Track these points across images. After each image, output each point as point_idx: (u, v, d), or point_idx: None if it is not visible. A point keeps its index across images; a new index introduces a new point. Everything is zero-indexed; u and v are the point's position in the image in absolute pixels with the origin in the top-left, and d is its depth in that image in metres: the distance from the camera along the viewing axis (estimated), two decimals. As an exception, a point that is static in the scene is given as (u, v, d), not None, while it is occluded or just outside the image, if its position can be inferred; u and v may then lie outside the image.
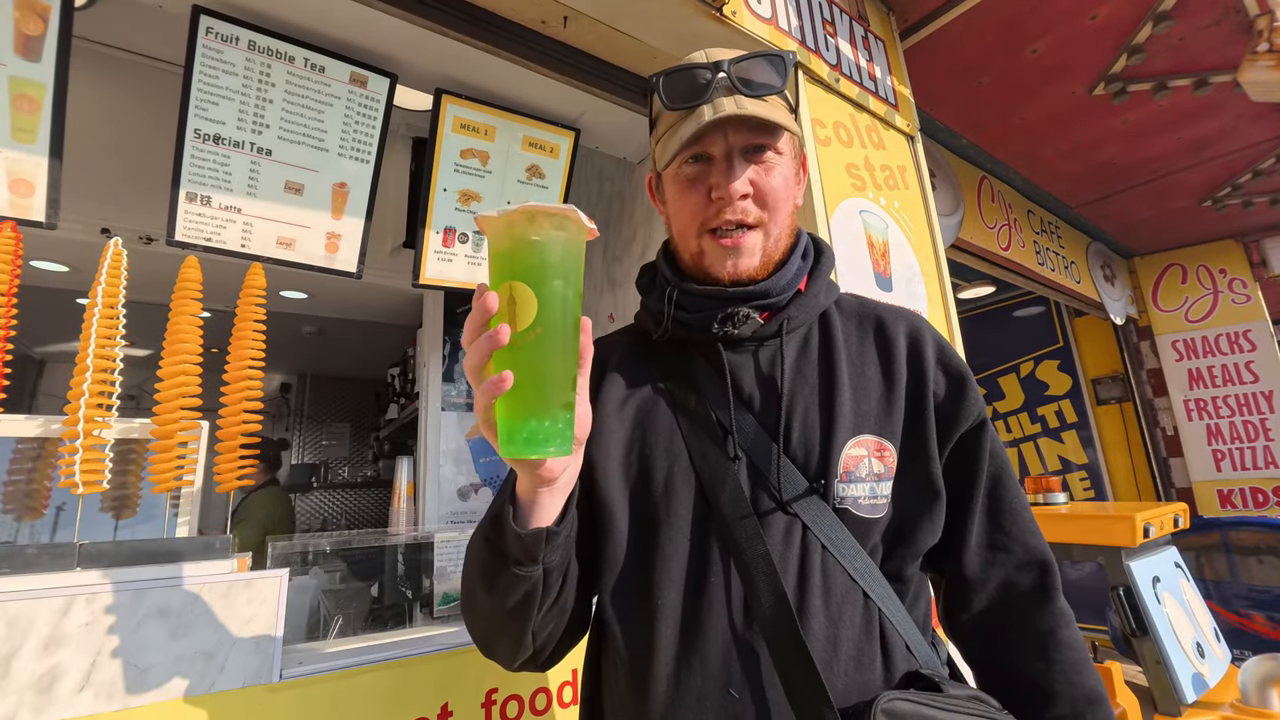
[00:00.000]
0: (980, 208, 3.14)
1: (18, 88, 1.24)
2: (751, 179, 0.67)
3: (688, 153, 0.68)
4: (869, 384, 0.70)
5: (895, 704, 0.56)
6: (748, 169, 0.67)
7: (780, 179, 0.69)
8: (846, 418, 0.67)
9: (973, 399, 0.72)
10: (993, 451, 0.73)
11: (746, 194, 0.67)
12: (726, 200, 0.66)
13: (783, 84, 0.68)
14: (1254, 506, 4.00)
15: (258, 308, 1.39)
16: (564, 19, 1.49)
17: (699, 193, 0.69)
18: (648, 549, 0.66)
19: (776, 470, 0.65)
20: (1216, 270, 4.32)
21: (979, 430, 0.73)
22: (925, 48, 2.26)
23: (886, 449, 0.67)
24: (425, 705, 1.10)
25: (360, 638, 1.27)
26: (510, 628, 0.62)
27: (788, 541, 0.63)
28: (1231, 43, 2.27)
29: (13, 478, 1.19)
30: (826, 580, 0.62)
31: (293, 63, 1.55)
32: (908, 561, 0.68)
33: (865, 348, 0.73)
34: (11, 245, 1.15)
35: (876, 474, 0.66)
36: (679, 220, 0.72)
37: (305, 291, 3.26)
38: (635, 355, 0.78)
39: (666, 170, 0.72)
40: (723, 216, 0.67)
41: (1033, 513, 0.74)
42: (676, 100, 0.68)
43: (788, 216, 0.71)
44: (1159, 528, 1.85)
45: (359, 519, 5.62)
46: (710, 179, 0.68)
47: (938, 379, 0.72)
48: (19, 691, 0.85)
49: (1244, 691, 1.60)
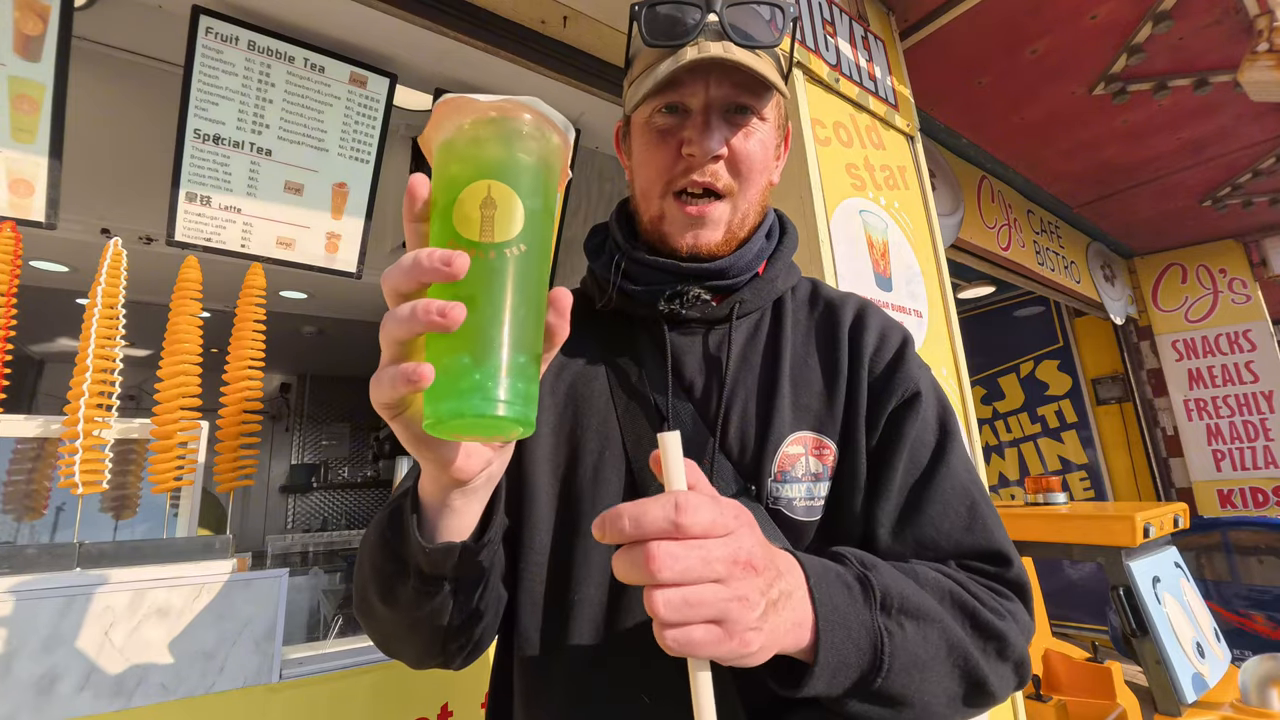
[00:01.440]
0: (980, 208, 3.14)
1: (18, 88, 1.24)
2: (729, 140, 0.61)
3: (662, 99, 0.61)
4: (811, 376, 0.65)
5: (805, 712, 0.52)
6: (725, 129, 0.61)
7: (759, 146, 0.63)
8: (785, 413, 0.62)
9: (906, 373, 0.64)
10: (920, 432, 0.61)
11: (721, 155, 0.61)
12: (698, 159, 0.60)
13: (779, 37, 0.61)
14: (1254, 506, 4.00)
15: (258, 308, 1.39)
16: (564, 19, 1.49)
17: (669, 147, 0.62)
18: (569, 538, 0.61)
19: (710, 466, 0.60)
20: (1216, 270, 4.32)
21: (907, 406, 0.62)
22: (925, 48, 2.26)
23: (826, 447, 0.62)
24: (425, 705, 1.11)
25: (360, 638, 1.27)
26: (414, 638, 0.54)
27: None
28: (1231, 43, 2.27)
29: (13, 478, 1.19)
30: None
31: (292, 63, 1.55)
32: None
33: (810, 338, 0.68)
34: (11, 245, 1.15)
35: (814, 474, 0.61)
36: (643, 175, 0.65)
37: (305, 291, 3.26)
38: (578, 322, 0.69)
39: (636, 115, 0.65)
40: (690, 177, 0.61)
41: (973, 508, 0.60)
42: (658, 36, 0.61)
43: (760, 191, 0.65)
44: (1159, 528, 1.85)
45: (359, 519, 5.62)
46: (684, 132, 0.61)
47: (875, 358, 0.65)
48: (19, 691, 0.85)
49: (1244, 691, 1.60)
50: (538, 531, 0.62)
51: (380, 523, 0.52)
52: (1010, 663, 0.54)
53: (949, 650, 0.50)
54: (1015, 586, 0.58)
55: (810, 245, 1.55)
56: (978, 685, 0.52)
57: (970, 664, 0.51)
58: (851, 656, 0.46)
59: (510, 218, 0.38)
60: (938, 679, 0.50)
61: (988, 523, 0.60)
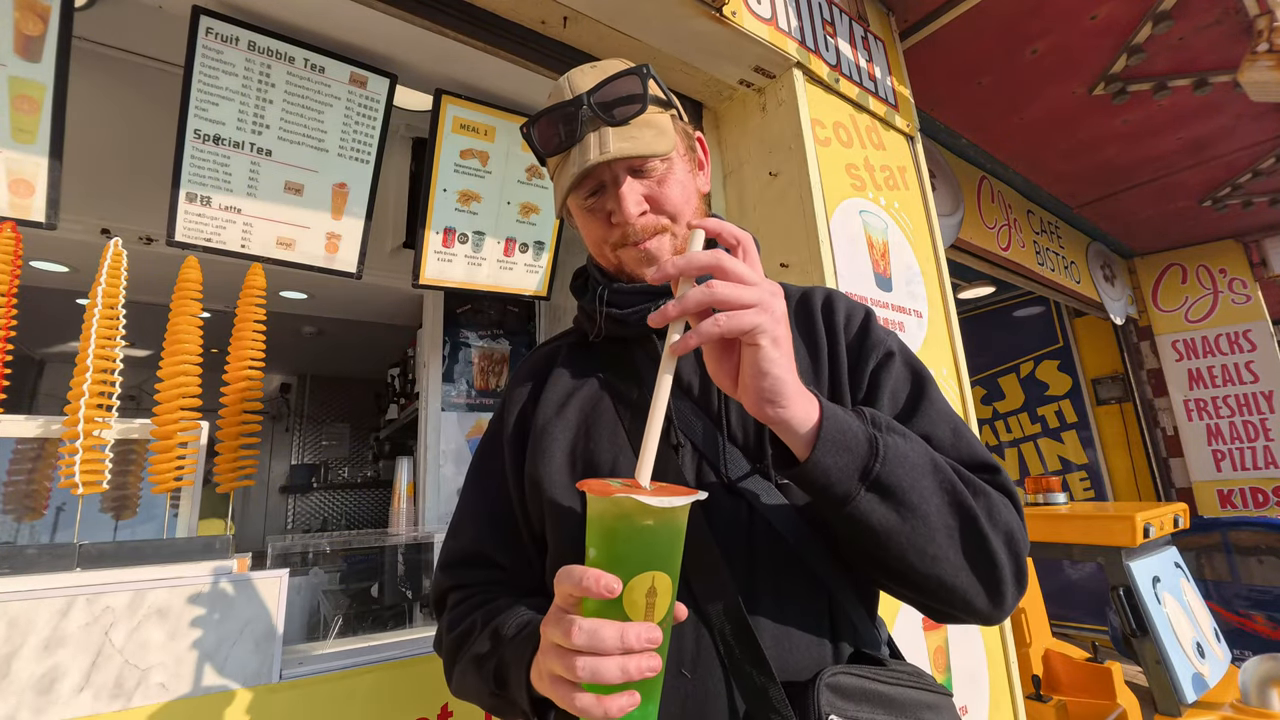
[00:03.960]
0: (980, 208, 3.14)
1: (18, 88, 1.24)
2: (645, 194, 0.69)
3: (583, 190, 0.71)
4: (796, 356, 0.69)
5: (839, 678, 0.56)
6: (639, 185, 0.69)
7: (675, 185, 0.71)
8: None
9: (877, 337, 0.72)
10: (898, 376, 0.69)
11: (644, 210, 0.69)
12: (626, 224, 0.68)
13: (644, 99, 0.68)
14: (1254, 506, 4.00)
15: (258, 308, 1.39)
16: (564, 19, 1.49)
17: (600, 220, 0.71)
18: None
19: (722, 454, 0.66)
20: (1216, 270, 4.32)
21: (885, 363, 0.70)
22: (925, 48, 2.26)
23: None
24: (425, 705, 1.11)
25: (360, 638, 1.27)
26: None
27: (735, 525, 0.64)
28: (1231, 43, 2.27)
29: (13, 478, 1.19)
30: (775, 563, 0.63)
31: (292, 63, 1.55)
32: None
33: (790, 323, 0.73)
34: (11, 245, 1.15)
35: None
36: (591, 244, 0.75)
37: (305, 291, 3.26)
38: (575, 355, 0.80)
39: (570, 203, 0.74)
40: (628, 240, 0.70)
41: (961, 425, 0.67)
42: (549, 149, 0.71)
43: (693, 212, 0.73)
44: (1159, 528, 1.85)
45: (359, 519, 5.62)
46: (607, 205, 0.70)
47: (848, 330, 0.73)
48: (19, 692, 0.85)
49: (1244, 691, 1.60)
50: (566, 546, 0.67)
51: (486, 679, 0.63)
52: (1000, 531, 0.57)
53: (934, 468, 0.57)
54: (1004, 490, 0.62)
55: (810, 245, 1.55)
56: (972, 523, 0.56)
57: (958, 494, 0.56)
58: (849, 439, 0.54)
59: (669, 600, 0.47)
60: (931, 491, 0.56)
61: (972, 441, 0.67)
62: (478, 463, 0.82)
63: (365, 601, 2.15)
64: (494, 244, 1.95)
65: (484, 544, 0.76)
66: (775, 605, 0.61)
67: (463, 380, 2.80)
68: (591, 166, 0.66)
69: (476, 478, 0.81)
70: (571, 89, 0.70)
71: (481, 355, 2.87)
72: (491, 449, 0.80)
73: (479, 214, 1.91)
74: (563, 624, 0.46)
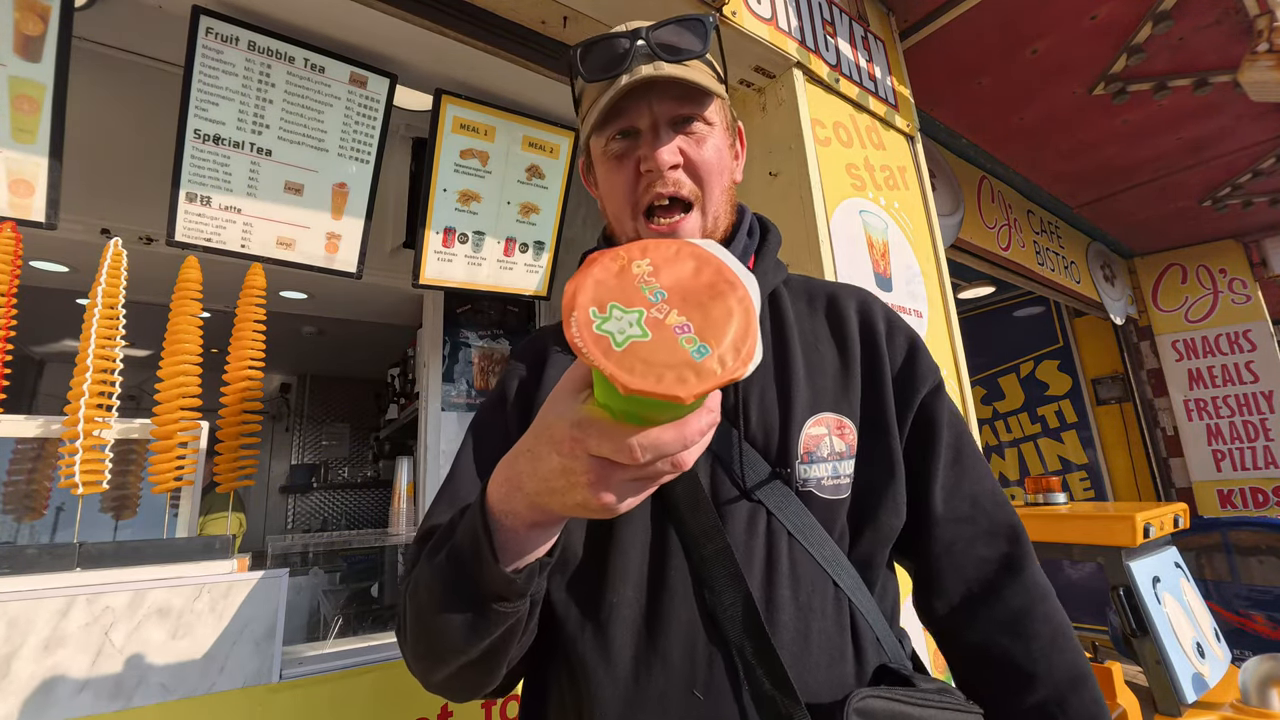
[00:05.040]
0: (980, 208, 3.14)
1: (18, 88, 1.24)
2: (682, 149, 0.64)
3: (612, 128, 0.65)
4: (823, 361, 0.68)
5: (868, 702, 0.53)
6: (676, 139, 0.64)
7: (712, 150, 0.66)
8: (803, 396, 0.64)
9: (927, 364, 0.70)
10: (951, 418, 0.69)
11: (677, 164, 0.64)
12: (656, 172, 0.63)
13: (704, 47, 0.65)
14: (1254, 506, 4.00)
15: (258, 308, 1.39)
16: (564, 19, 1.49)
17: (628, 168, 0.65)
18: (602, 542, 0.62)
19: (739, 456, 0.62)
20: (1216, 270, 4.32)
21: (935, 395, 0.69)
22: (925, 48, 2.26)
23: (846, 426, 0.65)
24: (425, 705, 1.11)
25: (360, 638, 1.27)
26: (479, 667, 0.53)
27: (752, 530, 0.60)
28: (1231, 43, 2.27)
29: (13, 478, 1.19)
30: (794, 569, 0.60)
31: (292, 63, 1.55)
32: (876, 548, 0.65)
33: (817, 325, 0.71)
34: (11, 245, 1.15)
35: (838, 453, 0.63)
36: (612, 201, 0.69)
37: (305, 291, 3.26)
38: None
39: (593, 147, 0.69)
40: (654, 190, 0.64)
41: (997, 482, 0.71)
42: (595, 72, 0.65)
43: (725, 192, 0.68)
44: (1159, 528, 1.85)
45: (359, 519, 5.62)
46: (638, 152, 0.65)
47: (892, 349, 0.70)
48: (19, 692, 0.85)
49: (1244, 691, 1.60)
50: (571, 536, 0.62)
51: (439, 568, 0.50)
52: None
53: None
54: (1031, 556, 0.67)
55: (810, 245, 1.55)
56: None
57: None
58: None
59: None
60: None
61: (1005, 501, 0.70)
62: (473, 438, 0.74)
63: (365, 601, 2.15)
64: (494, 244, 1.95)
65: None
66: (795, 618, 0.58)
67: (463, 380, 2.80)
68: (637, 82, 0.61)
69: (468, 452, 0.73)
70: (629, 28, 0.65)
71: (481, 355, 2.87)
72: (490, 420, 0.74)
73: (479, 214, 1.91)
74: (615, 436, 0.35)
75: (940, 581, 0.68)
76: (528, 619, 0.53)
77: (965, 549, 0.67)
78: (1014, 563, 0.66)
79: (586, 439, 0.36)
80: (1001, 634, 0.64)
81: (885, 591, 0.67)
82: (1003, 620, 0.65)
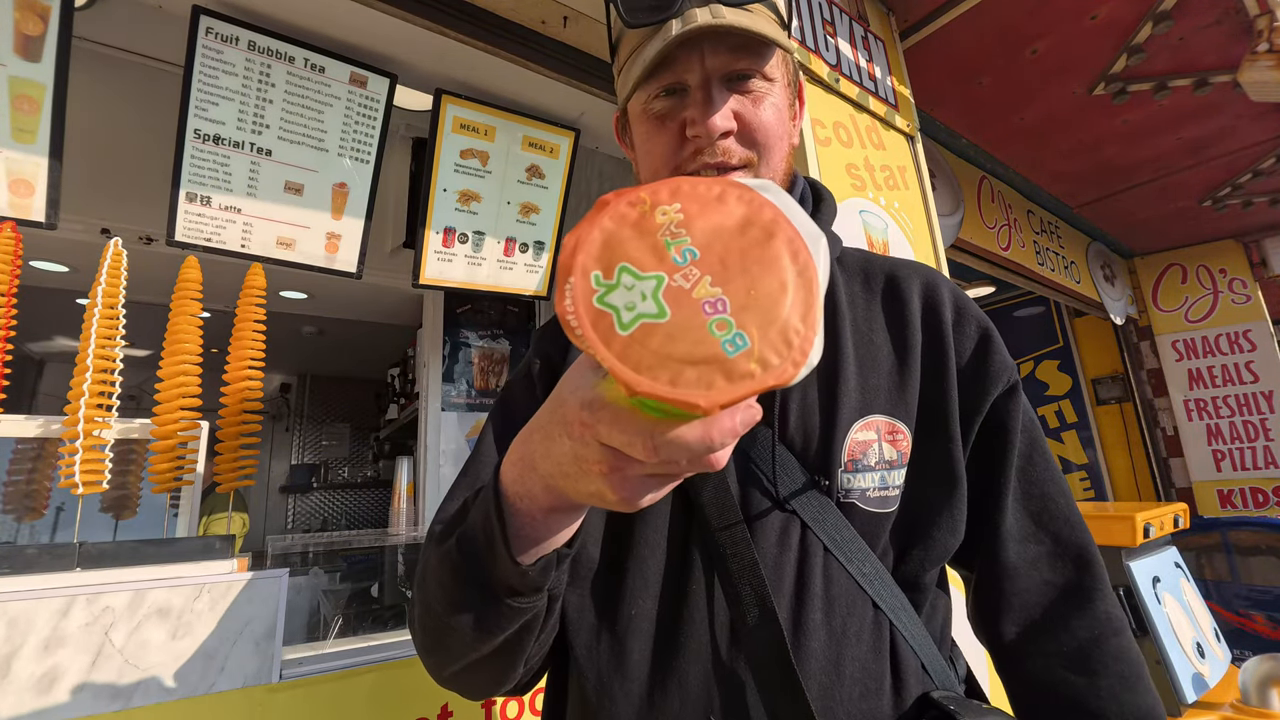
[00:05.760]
0: (980, 208, 3.14)
1: (18, 88, 1.24)
2: (736, 111, 0.55)
3: (657, 83, 0.56)
4: (878, 354, 0.60)
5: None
6: (730, 99, 0.55)
7: (772, 111, 0.57)
8: (852, 396, 0.57)
9: (1001, 359, 0.61)
10: (1026, 423, 0.61)
11: (730, 130, 0.55)
12: (705, 139, 0.54)
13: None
14: (1254, 506, 4.00)
15: (258, 308, 1.39)
16: (564, 19, 1.49)
17: (671, 131, 0.56)
18: (620, 549, 0.57)
19: (772, 460, 0.55)
20: (1216, 270, 4.32)
21: (1010, 396, 0.60)
22: (925, 48, 2.26)
23: (900, 431, 0.57)
24: (425, 705, 1.10)
25: (360, 638, 1.27)
26: (493, 665, 0.50)
27: (784, 544, 0.54)
28: (1231, 43, 2.27)
29: (13, 478, 1.19)
30: (829, 589, 0.53)
31: (293, 63, 1.55)
32: (925, 566, 0.58)
33: (873, 312, 0.62)
34: (11, 245, 1.15)
35: (888, 461, 0.56)
36: (648, 167, 0.59)
37: (305, 291, 3.26)
38: None
39: (632, 104, 0.59)
40: (700, 159, 0.55)
41: (1071, 499, 0.62)
42: (638, 14, 0.55)
43: (783, 159, 0.59)
44: (1159, 528, 1.85)
45: (359, 519, 5.62)
46: (685, 113, 0.55)
47: (960, 340, 0.60)
48: (19, 691, 0.85)
49: (1244, 691, 1.60)
50: (587, 544, 0.58)
51: (448, 555, 0.46)
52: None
53: None
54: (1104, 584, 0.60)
55: (810, 245, 1.55)
56: None
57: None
58: None
59: None
60: None
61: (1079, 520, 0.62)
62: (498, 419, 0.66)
63: (365, 601, 2.15)
64: (494, 244, 1.95)
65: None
66: (827, 644, 0.52)
67: (463, 380, 2.80)
68: (690, 33, 0.52)
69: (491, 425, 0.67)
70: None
71: (481, 355, 2.87)
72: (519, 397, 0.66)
73: (479, 214, 1.91)
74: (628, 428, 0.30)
75: (1000, 604, 0.61)
76: (546, 615, 0.49)
77: (1029, 571, 0.60)
78: (1084, 591, 0.60)
79: (597, 425, 0.31)
80: (1067, 668, 0.58)
81: (934, 612, 0.61)
82: (1069, 653, 0.58)
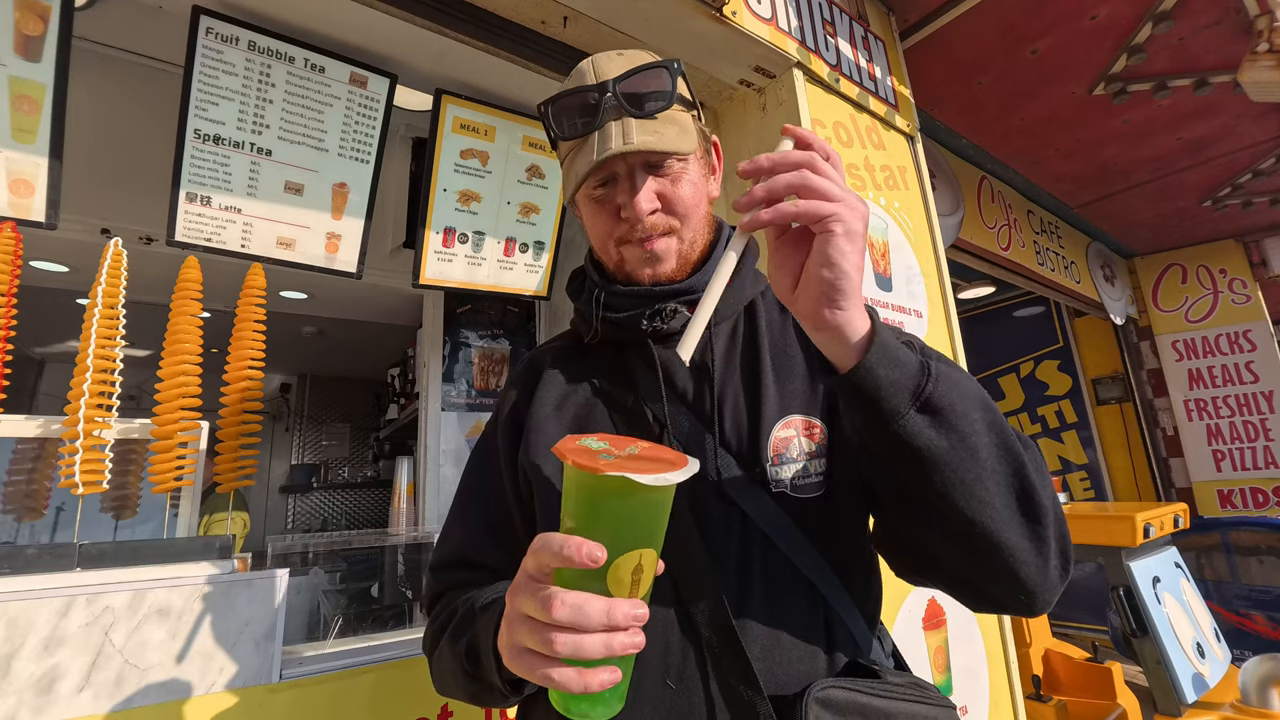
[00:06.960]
0: (980, 208, 3.14)
1: (18, 88, 1.24)
2: (658, 191, 0.67)
3: (593, 179, 0.68)
4: (793, 364, 0.70)
5: (829, 692, 0.55)
6: (650, 183, 0.67)
7: (688, 186, 0.69)
8: (772, 400, 0.67)
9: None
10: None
11: (655, 209, 0.67)
12: (635, 218, 0.67)
13: (671, 95, 0.67)
14: (1254, 506, 4.00)
15: (258, 308, 1.39)
16: (564, 19, 1.49)
17: (609, 212, 0.69)
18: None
19: (714, 460, 0.65)
20: (1216, 270, 4.32)
21: None
22: (925, 48, 2.26)
23: (815, 426, 0.66)
24: (425, 706, 1.11)
25: (360, 638, 1.27)
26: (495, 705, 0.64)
27: (727, 532, 0.63)
28: (1231, 43, 2.27)
29: (13, 478, 1.19)
30: (767, 571, 0.62)
31: (293, 63, 1.55)
32: (853, 542, 0.67)
33: (787, 330, 0.73)
34: (11, 245, 1.15)
35: (808, 452, 0.65)
36: (595, 237, 0.73)
37: (305, 291, 3.26)
38: (571, 357, 0.79)
39: (579, 193, 0.72)
40: (635, 234, 0.68)
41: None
42: (565, 131, 0.68)
43: (702, 219, 0.72)
44: (1159, 528, 1.85)
45: (359, 519, 5.61)
46: (617, 198, 0.68)
47: None
48: (19, 691, 0.85)
49: (1244, 691, 1.60)
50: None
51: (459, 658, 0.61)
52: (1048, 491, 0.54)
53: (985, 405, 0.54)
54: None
55: (810, 245, 1.55)
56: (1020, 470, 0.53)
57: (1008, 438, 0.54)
58: (901, 356, 0.52)
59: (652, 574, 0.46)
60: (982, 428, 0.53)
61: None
62: (473, 462, 0.81)
63: (365, 601, 2.15)
64: (494, 244, 1.95)
65: (472, 546, 0.76)
66: (767, 615, 0.60)
67: (463, 380, 2.79)
68: (611, 155, 0.64)
69: (470, 477, 0.81)
70: (596, 74, 0.67)
71: (481, 355, 2.87)
72: (487, 446, 0.79)
73: (479, 214, 1.91)
74: (540, 595, 0.43)
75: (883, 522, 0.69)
76: None
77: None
78: None
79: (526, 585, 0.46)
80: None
81: (868, 590, 0.68)
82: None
